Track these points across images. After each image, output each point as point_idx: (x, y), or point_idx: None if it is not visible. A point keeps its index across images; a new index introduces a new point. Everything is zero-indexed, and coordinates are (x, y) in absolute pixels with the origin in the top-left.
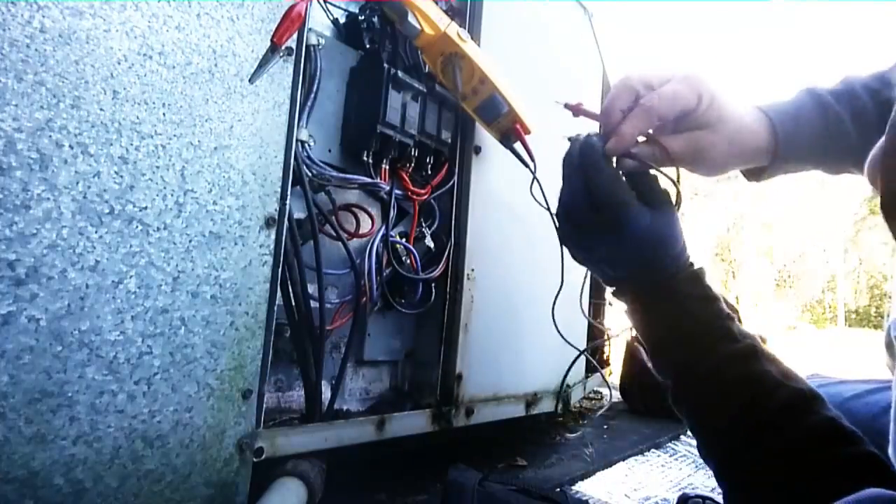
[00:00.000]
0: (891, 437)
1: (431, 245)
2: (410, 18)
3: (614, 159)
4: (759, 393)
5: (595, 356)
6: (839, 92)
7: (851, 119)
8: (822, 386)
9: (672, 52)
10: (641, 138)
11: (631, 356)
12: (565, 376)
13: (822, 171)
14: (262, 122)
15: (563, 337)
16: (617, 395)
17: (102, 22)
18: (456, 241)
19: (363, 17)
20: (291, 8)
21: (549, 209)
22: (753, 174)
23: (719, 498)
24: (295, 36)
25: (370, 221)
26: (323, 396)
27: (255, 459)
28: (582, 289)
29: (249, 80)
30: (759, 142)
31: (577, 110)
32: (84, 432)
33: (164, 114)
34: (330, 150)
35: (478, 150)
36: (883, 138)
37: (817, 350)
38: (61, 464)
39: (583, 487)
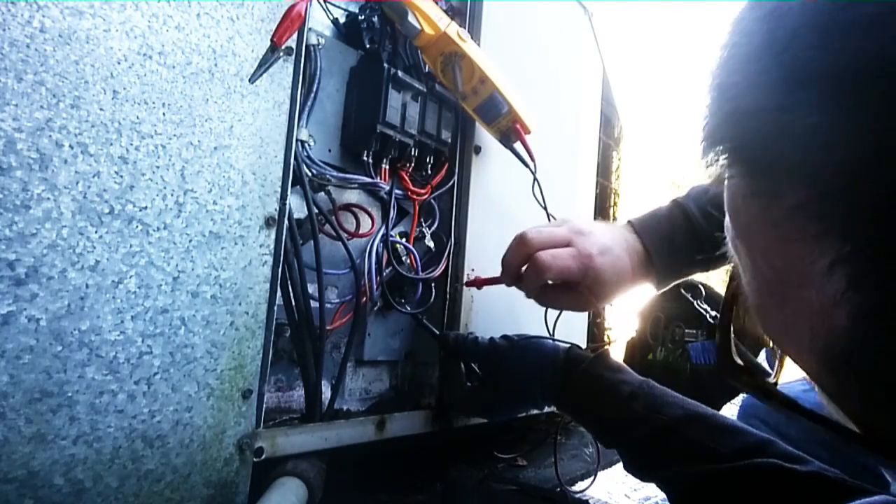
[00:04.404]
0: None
1: (431, 245)
2: (410, 18)
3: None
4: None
5: None
6: (707, 207)
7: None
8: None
9: (672, 52)
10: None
11: (631, 356)
12: None
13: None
14: (262, 121)
15: (555, 338)
16: None
17: (102, 22)
18: (456, 241)
19: (363, 17)
20: (291, 8)
21: (547, 209)
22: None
23: None
24: (295, 36)
25: (370, 221)
26: (323, 396)
27: (255, 459)
28: None
29: (249, 80)
30: (636, 275)
31: (476, 283)
32: (84, 432)
33: (164, 114)
34: (330, 150)
35: (478, 150)
36: None
37: None
38: (61, 464)
39: (583, 487)
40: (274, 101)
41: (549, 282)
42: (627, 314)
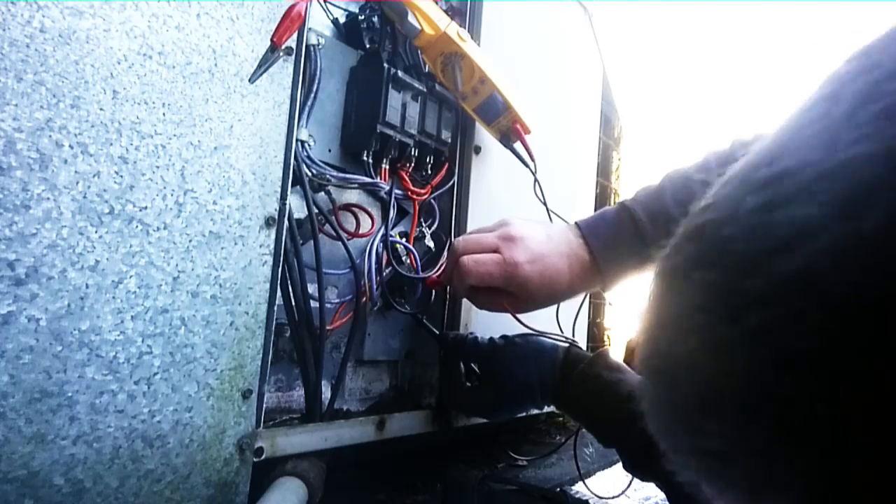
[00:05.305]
0: None
1: (431, 245)
2: (410, 18)
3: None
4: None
5: None
6: (654, 211)
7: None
8: None
9: (672, 52)
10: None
11: (631, 355)
12: None
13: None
14: (262, 121)
15: (557, 337)
16: None
17: (102, 22)
18: None
19: (363, 17)
20: (291, 8)
21: (548, 208)
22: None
23: None
24: (295, 36)
25: (370, 221)
26: (323, 396)
27: (255, 459)
28: None
29: (249, 80)
30: (577, 282)
31: (427, 281)
32: (84, 432)
33: (164, 114)
34: (330, 150)
35: (478, 150)
36: None
37: None
38: (61, 464)
39: (583, 487)
40: (274, 101)
41: (476, 285)
42: (627, 314)
